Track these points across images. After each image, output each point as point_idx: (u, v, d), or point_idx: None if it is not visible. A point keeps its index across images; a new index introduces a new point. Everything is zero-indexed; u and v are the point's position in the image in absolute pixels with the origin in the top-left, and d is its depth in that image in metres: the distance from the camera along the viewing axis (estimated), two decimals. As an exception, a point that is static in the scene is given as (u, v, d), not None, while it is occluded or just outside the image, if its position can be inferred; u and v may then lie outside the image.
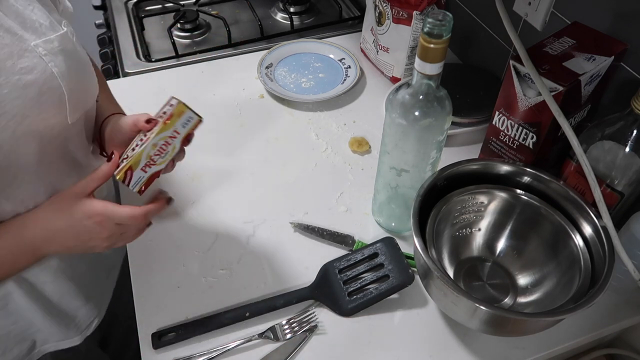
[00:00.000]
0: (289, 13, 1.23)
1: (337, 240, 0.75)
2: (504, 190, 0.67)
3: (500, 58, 0.94)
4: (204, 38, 1.17)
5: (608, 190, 0.63)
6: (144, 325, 0.66)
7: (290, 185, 0.84)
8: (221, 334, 0.65)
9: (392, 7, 0.92)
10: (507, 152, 0.76)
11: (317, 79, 1.03)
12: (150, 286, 0.70)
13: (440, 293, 0.59)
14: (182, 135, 0.59)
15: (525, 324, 0.57)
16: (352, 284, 0.68)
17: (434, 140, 0.63)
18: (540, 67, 0.65)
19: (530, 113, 0.69)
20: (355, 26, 1.19)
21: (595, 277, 0.58)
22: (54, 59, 0.56)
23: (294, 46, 1.09)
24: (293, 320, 0.66)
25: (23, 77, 0.53)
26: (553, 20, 0.79)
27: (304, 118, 0.96)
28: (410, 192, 0.67)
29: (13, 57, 0.52)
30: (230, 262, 0.73)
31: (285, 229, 0.77)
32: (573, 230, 0.63)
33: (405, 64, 0.98)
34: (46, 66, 0.55)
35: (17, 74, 0.52)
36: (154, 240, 0.76)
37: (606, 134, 0.63)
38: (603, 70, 0.67)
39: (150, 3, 1.28)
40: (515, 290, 0.66)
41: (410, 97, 0.60)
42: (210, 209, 0.80)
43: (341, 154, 0.89)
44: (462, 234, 0.70)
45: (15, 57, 0.53)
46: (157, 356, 0.63)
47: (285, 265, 0.73)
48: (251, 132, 0.93)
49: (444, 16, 0.54)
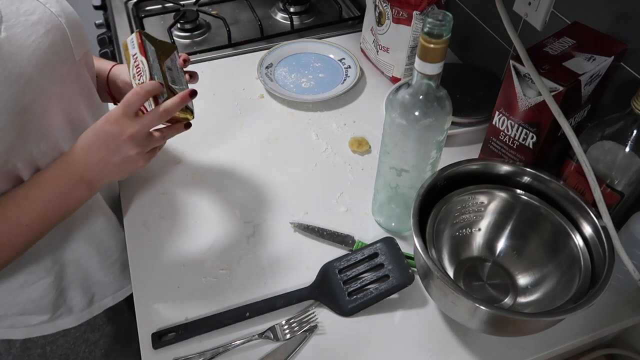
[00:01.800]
0: (289, 13, 1.23)
1: (337, 240, 0.75)
2: (504, 190, 0.67)
3: (500, 58, 0.94)
4: (204, 38, 1.17)
5: (608, 190, 0.63)
6: (144, 325, 0.66)
7: (290, 185, 0.84)
8: (221, 334, 0.65)
9: (392, 7, 0.93)
10: (507, 152, 0.76)
11: (317, 79, 1.03)
12: (150, 286, 0.70)
13: (440, 293, 0.59)
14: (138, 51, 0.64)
15: (525, 324, 0.57)
16: (352, 284, 0.68)
17: (434, 140, 0.63)
18: (540, 67, 0.65)
19: (530, 113, 0.69)
20: (355, 26, 1.19)
21: (595, 277, 0.58)
22: (49, 1, 0.63)
23: (294, 46, 1.09)
24: (293, 320, 0.66)
25: (29, 18, 0.60)
26: (553, 20, 0.79)
27: (304, 118, 0.96)
28: (410, 192, 0.67)
29: (15, 2, 0.59)
30: (230, 262, 0.73)
31: (285, 229, 0.77)
32: (573, 230, 0.63)
33: (405, 64, 0.98)
34: (44, 7, 0.62)
35: (23, 15, 0.59)
36: (154, 241, 0.76)
37: (606, 134, 0.63)
38: (603, 70, 0.67)
39: (150, 3, 1.28)
40: (515, 290, 0.66)
41: (410, 97, 0.60)
42: (210, 209, 0.80)
43: (341, 154, 0.89)
44: (462, 234, 0.70)
45: (17, 2, 0.59)
46: (157, 356, 0.63)
47: (285, 265, 0.73)
48: (251, 132, 0.93)
49: (444, 16, 0.54)
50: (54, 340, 0.80)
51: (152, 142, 0.62)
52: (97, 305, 0.82)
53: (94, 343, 0.84)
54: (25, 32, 0.58)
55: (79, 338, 0.82)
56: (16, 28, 0.58)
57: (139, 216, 0.79)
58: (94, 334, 0.84)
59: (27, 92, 0.58)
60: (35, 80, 0.59)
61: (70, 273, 0.76)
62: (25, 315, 0.75)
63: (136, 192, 0.82)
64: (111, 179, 0.64)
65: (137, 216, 0.79)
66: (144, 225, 0.78)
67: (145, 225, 0.78)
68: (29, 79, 0.58)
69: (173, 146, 0.89)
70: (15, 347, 0.77)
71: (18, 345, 0.77)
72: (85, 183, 0.63)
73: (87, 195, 0.65)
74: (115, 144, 0.60)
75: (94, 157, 0.61)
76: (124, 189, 0.83)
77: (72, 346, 0.82)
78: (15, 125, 0.58)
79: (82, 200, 0.65)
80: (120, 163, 0.61)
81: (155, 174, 0.85)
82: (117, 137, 0.60)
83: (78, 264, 0.77)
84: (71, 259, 0.75)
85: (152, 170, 0.85)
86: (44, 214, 0.63)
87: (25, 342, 0.77)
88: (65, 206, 0.64)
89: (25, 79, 0.57)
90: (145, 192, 0.82)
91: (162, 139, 0.63)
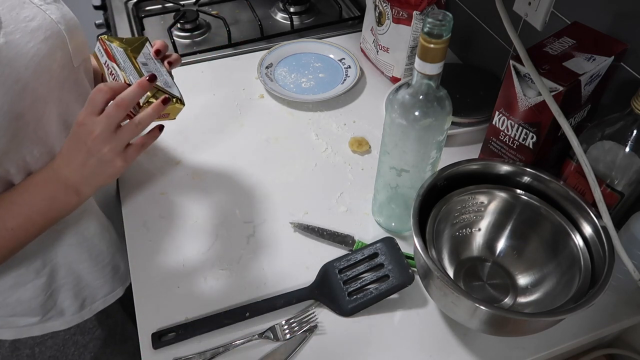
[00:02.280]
0: (289, 13, 1.23)
1: (337, 240, 0.75)
2: (504, 190, 0.67)
3: (500, 58, 0.94)
4: (204, 38, 1.17)
5: (608, 190, 0.63)
6: (144, 325, 0.66)
7: (290, 185, 0.84)
8: (221, 334, 0.65)
9: (392, 7, 0.92)
10: (507, 152, 0.76)
11: (317, 79, 1.03)
12: (150, 286, 0.70)
13: (440, 293, 0.59)
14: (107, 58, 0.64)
15: (525, 324, 0.57)
16: (352, 284, 0.68)
17: (434, 140, 0.63)
18: (540, 67, 0.65)
19: (530, 113, 0.69)
20: (355, 26, 1.19)
21: (595, 277, 0.58)
22: (49, 7, 0.63)
23: (294, 46, 1.09)
24: (293, 320, 0.66)
25: (29, 24, 0.59)
26: (553, 20, 0.79)
27: (304, 118, 0.96)
28: (410, 192, 0.67)
29: (15, 8, 0.59)
30: (230, 262, 0.73)
31: (285, 229, 0.77)
32: (573, 230, 0.63)
33: (405, 64, 0.98)
34: (44, 14, 0.62)
35: (23, 21, 0.59)
36: (154, 240, 0.76)
37: (606, 134, 0.63)
38: (603, 70, 0.67)
39: (150, 3, 1.28)
40: (515, 290, 0.66)
41: (410, 97, 0.60)
42: (210, 209, 0.80)
43: (341, 154, 0.89)
44: (462, 234, 0.70)
45: (17, 8, 0.59)
46: (157, 356, 0.63)
47: (285, 265, 0.73)
48: (251, 132, 0.93)
49: (444, 16, 0.54)
50: (43, 341, 0.79)
51: (123, 135, 0.58)
52: (87, 310, 0.82)
53: (84, 346, 0.84)
54: (24, 39, 0.58)
55: (68, 340, 0.82)
56: (15, 34, 0.58)
57: (139, 216, 0.79)
58: (84, 337, 0.84)
59: (24, 98, 0.58)
60: (32, 87, 0.59)
61: (61, 276, 0.76)
62: (15, 317, 0.75)
63: (136, 192, 0.82)
64: (97, 183, 0.61)
65: (137, 216, 0.79)
66: (144, 225, 0.78)
67: (145, 225, 0.78)
68: (26, 85, 0.58)
69: (173, 146, 0.89)
70: (4, 347, 0.77)
71: (7, 346, 0.77)
72: (72, 189, 0.61)
73: (75, 201, 0.63)
74: (86, 145, 0.57)
75: (73, 161, 0.59)
76: (124, 189, 0.83)
77: (61, 348, 0.82)
78: (10, 131, 0.57)
79: (70, 206, 0.63)
80: (98, 164, 0.59)
81: (154, 174, 0.85)
82: (86, 138, 0.57)
83: (69, 268, 0.76)
84: (62, 262, 0.75)
85: (151, 170, 0.85)
86: (29, 219, 0.61)
87: (14, 342, 0.77)
88: (52, 212, 0.63)
89: (22, 84, 0.57)
90: (145, 192, 0.82)
91: (135, 127, 0.59)
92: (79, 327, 0.82)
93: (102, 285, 0.82)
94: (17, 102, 0.57)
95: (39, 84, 0.60)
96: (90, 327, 0.84)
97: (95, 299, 0.82)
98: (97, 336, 0.85)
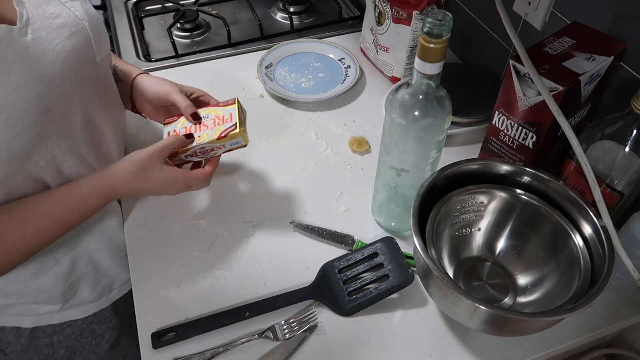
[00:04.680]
0: (289, 13, 1.23)
1: (337, 240, 0.75)
2: (504, 190, 0.67)
3: (500, 58, 0.94)
4: (204, 38, 1.17)
5: (608, 190, 0.63)
6: (144, 325, 0.66)
7: (290, 185, 0.84)
8: (221, 334, 0.65)
9: (392, 7, 0.93)
10: (507, 152, 0.76)
11: (317, 79, 1.03)
12: (151, 286, 0.70)
13: (440, 293, 0.59)
14: (226, 149, 0.73)
15: (525, 324, 0.57)
16: (352, 284, 0.68)
17: (434, 140, 0.63)
18: (540, 67, 0.65)
19: (530, 113, 0.69)
20: (355, 26, 1.19)
21: (595, 277, 0.58)
22: (74, 4, 0.65)
23: (294, 46, 1.09)
24: (293, 320, 0.66)
25: (54, 21, 0.61)
26: (553, 20, 0.79)
27: (304, 118, 0.96)
28: (410, 192, 0.67)
29: (42, 6, 0.61)
30: (230, 262, 0.73)
31: (285, 229, 0.77)
32: (573, 230, 0.63)
33: (405, 64, 0.98)
34: (69, 11, 0.64)
35: (49, 18, 0.61)
36: (154, 240, 0.76)
37: (606, 134, 0.63)
38: (603, 70, 0.67)
39: (150, 3, 1.28)
40: (515, 290, 0.67)
41: (410, 97, 0.60)
42: (210, 209, 0.80)
43: (341, 154, 0.89)
44: (462, 234, 0.70)
45: (44, 6, 0.61)
46: (157, 356, 0.63)
47: (285, 265, 0.73)
48: (251, 132, 0.93)
49: (444, 16, 0.54)
50: (61, 330, 0.81)
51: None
52: (105, 299, 0.83)
53: (101, 335, 0.85)
54: (50, 35, 0.60)
55: (86, 330, 0.83)
56: (42, 31, 0.59)
57: (139, 216, 0.79)
58: (101, 326, 0.85)
59: (51, 93, 0.59)
60: (59, 82, 0.60)
61: (81, 265, 0.77)
62: (37, 304, 0.77)
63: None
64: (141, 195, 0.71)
65: (137, 216, 0.79)
66: (144, 225, 0.78)
67: (146, 225, 0.78)
68: (53, 81, 0.59)
69: (173, 146, 0.89)
70: (24, 336, 0.79)
71: (27, 334, 0.79)
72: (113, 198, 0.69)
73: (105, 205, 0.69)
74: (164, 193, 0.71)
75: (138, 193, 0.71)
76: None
77: (78, 338, 0.83)
78: (39, 125, 0.59)
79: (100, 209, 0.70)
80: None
81: (155, 174, 0.85)
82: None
83: (90, 257, 0.78)
84: (83, 251, 0.77)
85: (152, 170, 0.85)
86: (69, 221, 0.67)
87: (33, 330, 0.79)
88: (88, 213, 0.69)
89: (50, 80, 0.59)
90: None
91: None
92: (96, 317, 0.83)
93: (119, 275, 0.84)
94: (46, 97, 0.58)
95: (65, 80, 0.61)
96: (107, 317, 0.85)
97: (112, 288, 0.84)
98: (114, 326, 0.86)
